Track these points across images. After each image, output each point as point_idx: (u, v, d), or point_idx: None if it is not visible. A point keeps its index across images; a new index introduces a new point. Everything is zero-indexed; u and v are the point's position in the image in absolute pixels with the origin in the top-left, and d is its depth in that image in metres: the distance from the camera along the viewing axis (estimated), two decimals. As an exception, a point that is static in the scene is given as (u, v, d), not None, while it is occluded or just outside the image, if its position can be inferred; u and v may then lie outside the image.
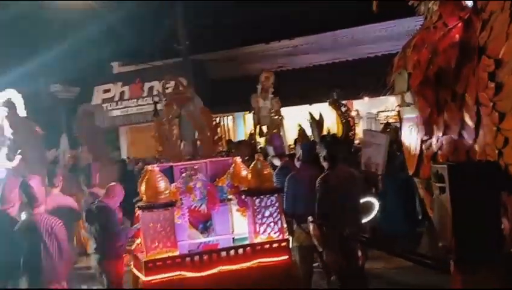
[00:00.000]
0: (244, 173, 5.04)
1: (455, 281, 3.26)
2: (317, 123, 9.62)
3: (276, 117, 11.76)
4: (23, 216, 4.74)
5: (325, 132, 11.20)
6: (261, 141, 11.41)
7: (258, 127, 11.43)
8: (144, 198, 4.57)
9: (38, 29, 22.05)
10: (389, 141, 9.30)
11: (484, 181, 3.05)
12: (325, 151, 5.57)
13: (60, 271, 4.62)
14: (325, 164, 5.54)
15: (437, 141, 3.59)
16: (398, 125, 11.59)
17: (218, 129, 5.53)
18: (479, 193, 3.03)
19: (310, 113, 11.06)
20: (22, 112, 7.49)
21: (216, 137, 5.37)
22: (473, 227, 3.03)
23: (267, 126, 11.57)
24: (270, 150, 6.82)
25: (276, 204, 4.83)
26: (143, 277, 4.46)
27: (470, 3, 3.50)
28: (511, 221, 3.15)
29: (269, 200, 4.80)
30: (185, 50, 19.84)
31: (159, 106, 19.44)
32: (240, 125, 20.66)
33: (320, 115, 10.81)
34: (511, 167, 2.98)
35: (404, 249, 4.60)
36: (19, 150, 6.91)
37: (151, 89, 20.27)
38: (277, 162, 7.05)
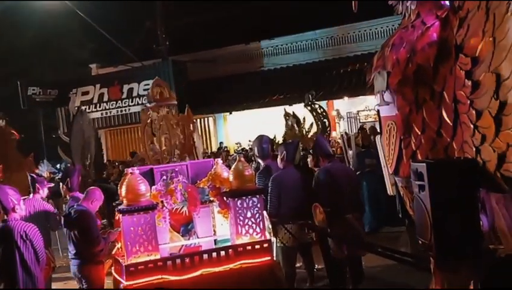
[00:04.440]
0: (225, 174, 5.02)
1: (435, 278, 3.29)
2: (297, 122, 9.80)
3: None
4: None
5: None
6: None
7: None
8: (125, 201, 4.52)
9: (15, 32, 21.73)
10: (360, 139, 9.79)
11: (463, 178, 3.07)
12: (321, 150, 6.08)
13: (37, 277, 4.53)
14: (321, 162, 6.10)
15: (416, 139, 3.60)
16: (374, 124, 11.84)
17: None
18: (457, 190, 3.05)
19: (293, 113, 11.14)
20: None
21: (192, 142, 5.44)
22: (452, 224, 3.05)
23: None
24: (255, 151, 6.89)
25: (258, 205, 4.82)
26: (124, 281, 4.41)
27: (447, 2, 3.53)
28: (489, 218, 3.18)
29: (251, 201, 4.79)
30: (164, 51, 19.70)
31: (136, 108, 19.32)
32: (220, 126, 20.62)
33: (294, 114, 10.97)
34: (489, 164, 3.01)
35: (385, 247, 4.63)
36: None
37: (130, 90, 20.11)
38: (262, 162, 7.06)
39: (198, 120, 20.24)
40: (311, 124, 10.85)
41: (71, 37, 22.10)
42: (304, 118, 11.24)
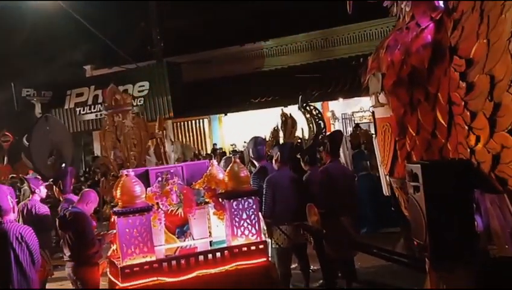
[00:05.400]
0: (220, 175, 5.01)
1: (430, 278, 3.30)
2: (288, 124, 9.78)
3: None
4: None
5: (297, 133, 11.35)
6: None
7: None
8: (120, 203, 4.51)
9: (9, 34, 21.63)
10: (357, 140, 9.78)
11: (457, 179, 3.09)
12: (335, 145, 6.20)
13: (32, 279, 4.52)
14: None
15: (410, 141, 3.62)
16: (369, 125, 11.83)
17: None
18: (452, 191, 3.07)
19: (290, 114, 11.15)
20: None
21: (147, 146, 5.52)
22: (447, 225, 3.07)
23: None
24: (250, 152, 6.91)
25: (254, 206, 4.81)
26: (119, 283, 4.39)
27: (441, 4, 3.55)
28: (484, 218, 3.20)
29: (246, 202, 4.78)
30: (159, 52, 19.67)
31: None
32: (215, 128, 20.58)
33: (291, 116, 10.97)
34: (483, 165, 3.03)
35: (380, 248, 4.65)
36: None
37: (125, 92, 20.02)
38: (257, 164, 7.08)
39: (193, 121, 20.22)
40: (294, 121, 10.83)
41: (65, 39, 22.01)
42: (286, 115, 11.13)
